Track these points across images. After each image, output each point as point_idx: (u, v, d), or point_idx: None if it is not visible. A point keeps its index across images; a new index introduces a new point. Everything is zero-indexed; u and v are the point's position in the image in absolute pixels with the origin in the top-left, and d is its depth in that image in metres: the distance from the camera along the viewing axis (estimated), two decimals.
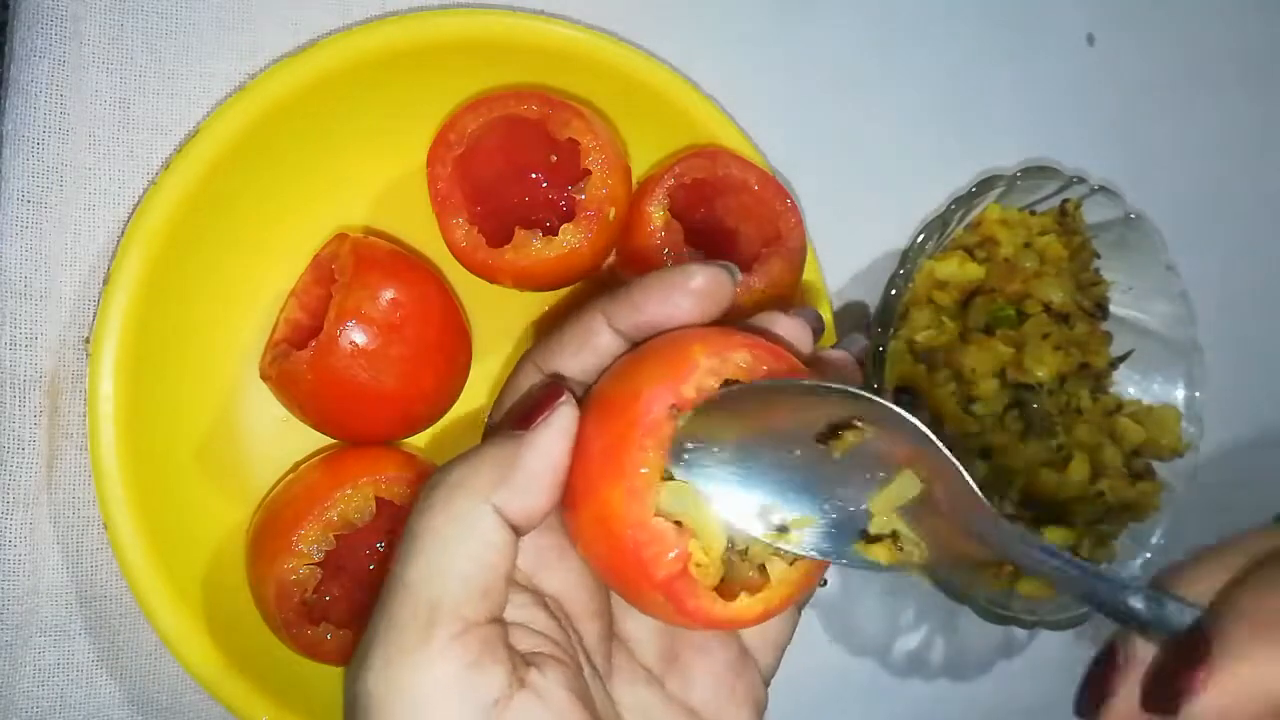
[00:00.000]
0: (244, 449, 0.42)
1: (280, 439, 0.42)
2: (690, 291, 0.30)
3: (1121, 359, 0.56)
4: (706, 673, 0.33)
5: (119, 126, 0.41)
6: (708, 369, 0.28)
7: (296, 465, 0.42)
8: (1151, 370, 0.57)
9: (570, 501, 0.29)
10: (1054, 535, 0.51)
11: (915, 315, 0.52)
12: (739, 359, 0.29)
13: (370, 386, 0.38)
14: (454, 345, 0.41)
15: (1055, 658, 0.60)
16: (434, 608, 0.26)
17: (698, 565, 0.28)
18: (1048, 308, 0.51)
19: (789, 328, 0.32)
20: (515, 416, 0.30)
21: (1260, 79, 0.66)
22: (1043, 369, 0.50)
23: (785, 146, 0.50)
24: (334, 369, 0.37)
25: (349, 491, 0.38)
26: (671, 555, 0.28)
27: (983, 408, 0.50)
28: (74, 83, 0.40)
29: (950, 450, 0.28)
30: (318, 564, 0.38)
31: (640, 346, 0.31)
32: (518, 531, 0.28)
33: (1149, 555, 0.54)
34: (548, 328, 0.46)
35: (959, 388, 0.51)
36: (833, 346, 0.35)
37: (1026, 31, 0.58)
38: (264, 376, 0.40)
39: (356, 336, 0.37)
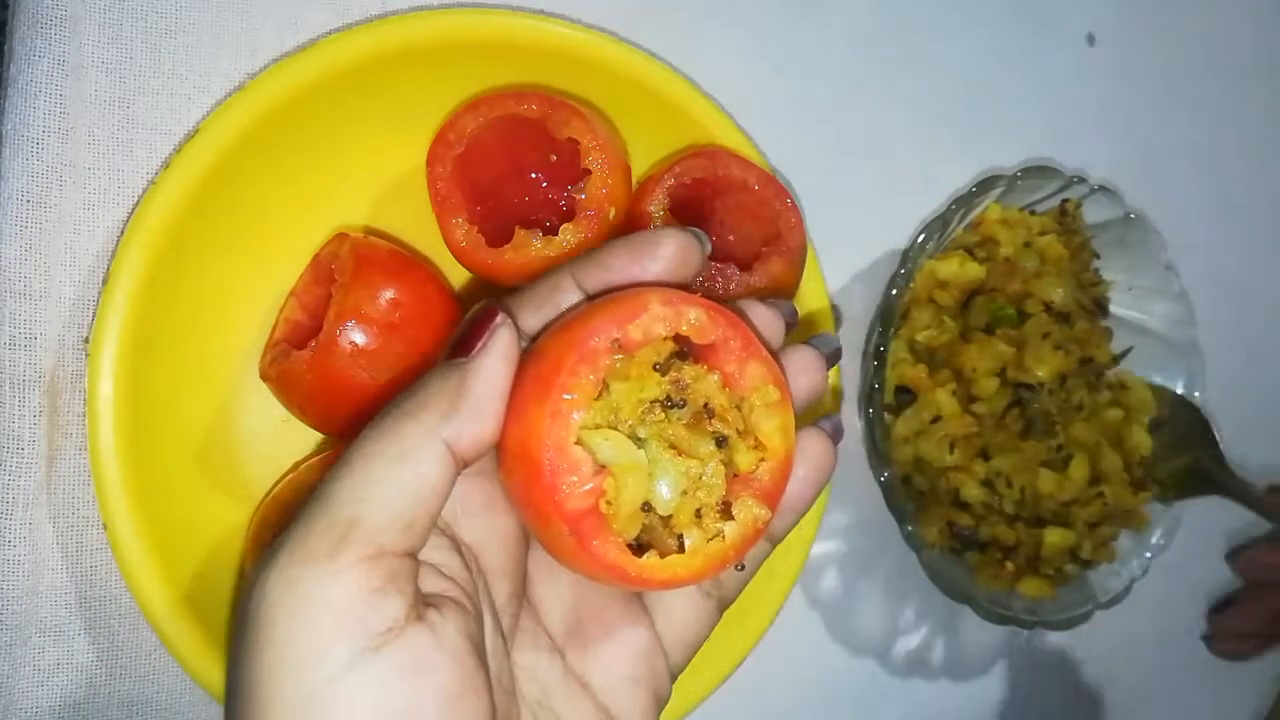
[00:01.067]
0: (243, 449, 0.42)
1: (280, 439, 0.42)
2: (660, 256, 0.30)
3: (1121, 356, 0.56)
4: (610, 654, 0.32)
5: (118, 126, 0.41)
6: (658, 315, 0.28)
7: (296, 465, 0.42)
8: (1151, 370, 0.57)
9: (503, 429, 0.29)
10: (1054, 535, 0.51)
11: (916, 315, 0.52)
12: (693, 315, 0.29)
13: (370, 386, 0.38)
14: None
15: (1055, 658, 0.60)
16: (351, 526, 0.26)
17: (608, 504, 0.28)
18: (1048, 307, 0.51)
19: (762, 316, 0.32)
20: (455, 344, 0.30)
21: (1261, 78, 0.66)
22: (1043, 368, 0.50)
23: (785, 146, 0.50)
24: (334, 369, 0.37)
25: None
26: (585, 488, 0.27)
27: (983, 407, 0.50)
28: (73, 83, 0.40)
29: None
30: None
31: (598, 297, 0.31)
32: (465, 462, 0.28)
33: (1149, 555, 0.54)
34: None
35: (959, 387, 0.51)
36: (805, 342, 0.34)
37: (1027, 31, 0.58)
38: (264, 376, 0.40)
39: (356, 336, 0.37)
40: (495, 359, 0.29)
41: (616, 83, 0.43)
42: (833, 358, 0.35)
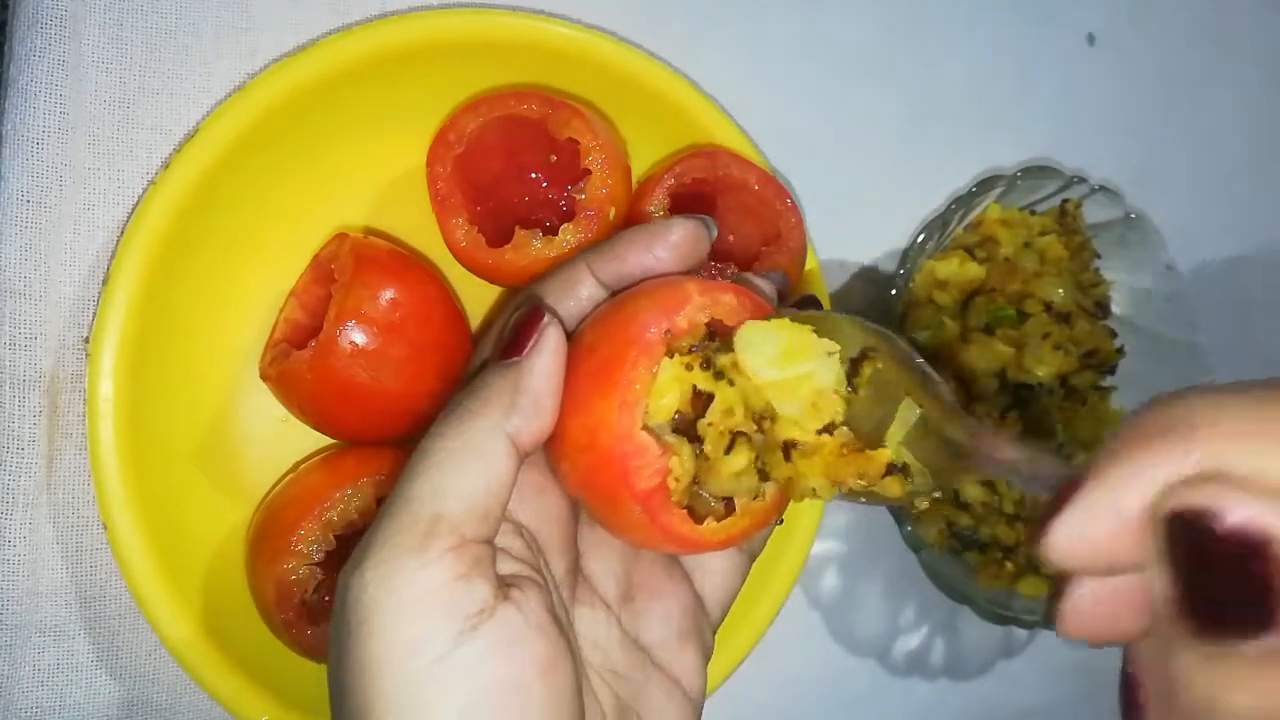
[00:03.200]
0: (243, 449, 0.42)
1: (280, 439, 0.42)
2: (670, 244, 0.33)
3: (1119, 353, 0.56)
4: (659, 614, 0.35)
5: (119, 126, 0.41)
6: (700, 305, 0.31)
7: (296, 465, 0.42)
8: (1151, 370, 0.57)
9: (558, 419, 0.31)
10: None
11: (915, 315, 0.52)
12: (727, 300, 0.31)
13: (370, 386, 0.38)
14: (454, 345, 0.41)
15: (1056, 658, 0.60)
16: (435, 521, 0.28)
17: (675, 480, 0.30)
18: (1048, 307, 0.51)
19: (760, 286, 0.35)
20: (505, 344, 0.32)
21: (1261, 78, 0.66)
22: (1043, 369, 0.50)
23: (785, 146, 0.50)
24: (334, 369, 0.37)
25: (349, 492, 0.38)
26: (654, 469, 0.30)
27: (983, 408, 0.50)
28: (74, 83, 0.40)
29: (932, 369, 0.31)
30: (317, 564, 0.38)
31: (631, 288, 0.33)
32: (526, 454, 0.31)
33: None
34: None
35: (959, 387, 0.51)
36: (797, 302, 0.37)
37: (1027, 31, 0.58)
38: (264, 376, 0.40)
39: (356, 336, 0.37)
40: (547, 357, 0.31)
41: (617, 83, 0.43)
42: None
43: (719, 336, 0.32)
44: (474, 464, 0.29)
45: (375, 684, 0.27)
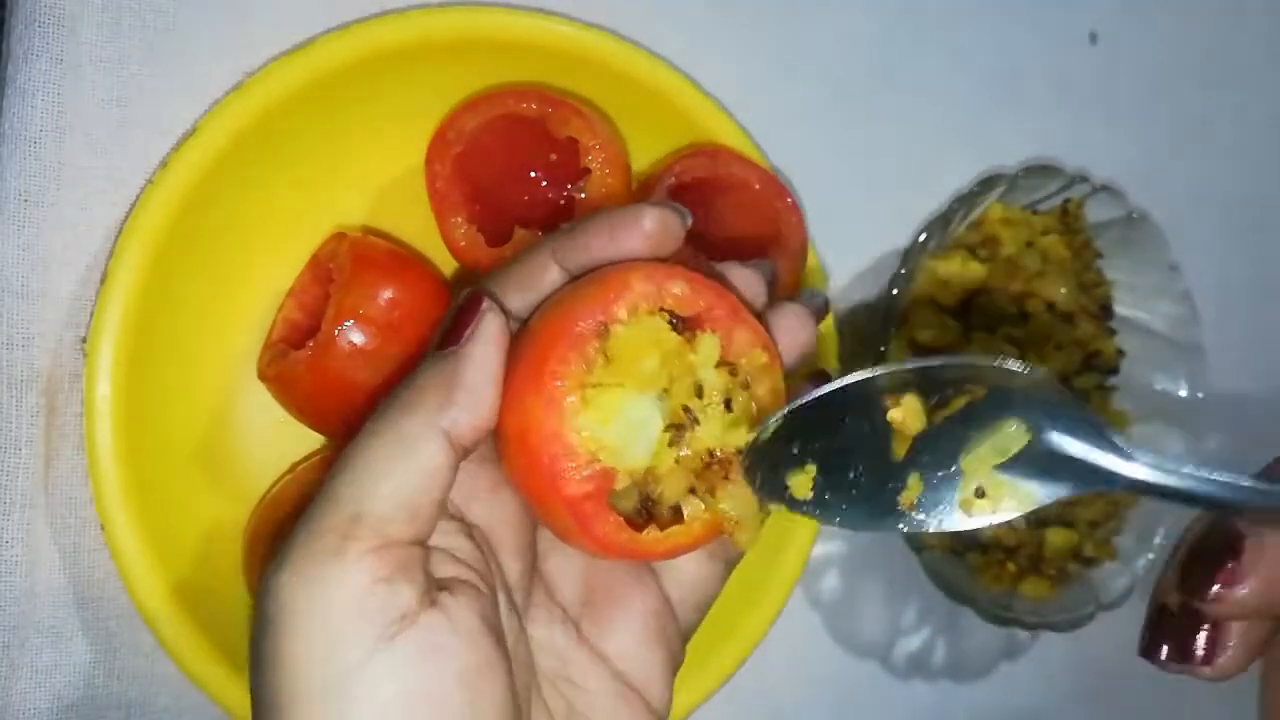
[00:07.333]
0: (241, 449, 0.42)
1: (278, 439, 0.42)
2: (641, 233, 0.30)
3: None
4: (622, 620, 0.33)
5: (116, 125, 0.40)
6: (642, 293, 0.29)
7: (294, 466, 0.42)
8: (1153, 371, 0.56)
9: (499, 416, 0.29)
10: (1057, 536, 0.51)
11: (917, 315, 0.52)
12: (676, 289, 0.29)
13: (369, 387, 0.38)
14: None
15: (1058, 660, 0.60)
16: (355, 521, 0.27)
17: (612, 489, 0.28)
18: (1050, 308, 0.51)
19: (741, 277, 0.33)
20: (443, 334, 0.30)
21: (1264, 77, 0.66)
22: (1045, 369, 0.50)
23: (786, 145, 0.49)
24: (332, 369, 0.37)
25: None
26: (585, 474, 0.28)
27: None
28: (71, 82, 0.40)
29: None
30: None
31: (583, 276, 0.31)
32: (466, 450, 0.28)
33: (1151, 556, 0.54)
34: None
35: None
36: (791, 299, 0.34)
37: (1029, 29, 0.58)
38: (262, 376, 0.40)
39: (355, 336, 0.37)
40: (485, 345, 0.29)
41: (617, 81, 0.43)
42: (819, 312, 0.35)
43: (679, 326, 0.30)
44: (403, 460, 0.27)
45: (289, 693, 0.26)
